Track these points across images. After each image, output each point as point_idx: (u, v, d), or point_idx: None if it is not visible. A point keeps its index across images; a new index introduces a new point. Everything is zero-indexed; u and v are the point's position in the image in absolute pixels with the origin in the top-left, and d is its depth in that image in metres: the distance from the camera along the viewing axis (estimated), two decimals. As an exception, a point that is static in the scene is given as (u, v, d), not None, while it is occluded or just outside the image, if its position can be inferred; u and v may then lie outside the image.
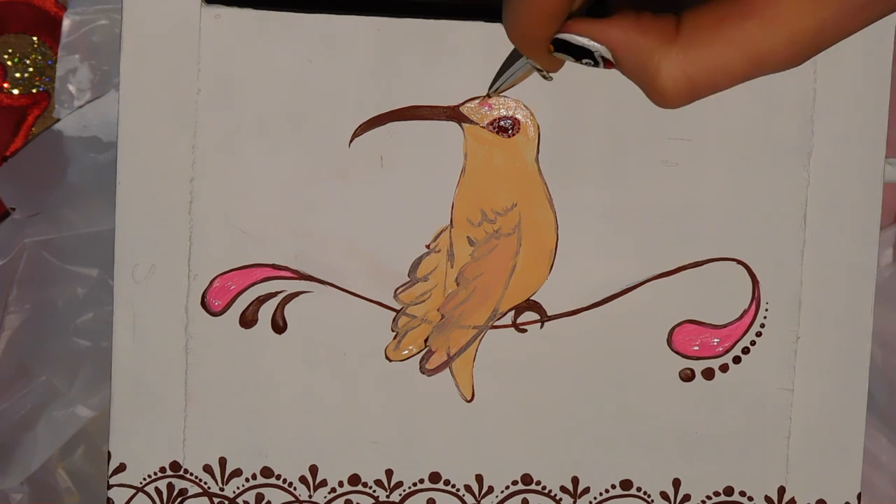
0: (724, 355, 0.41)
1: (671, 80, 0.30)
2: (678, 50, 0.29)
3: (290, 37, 0.39)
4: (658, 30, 0.30)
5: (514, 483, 0.41)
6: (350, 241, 0.40)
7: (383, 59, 0.39)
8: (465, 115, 0.39)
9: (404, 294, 0.40)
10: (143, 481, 0.41)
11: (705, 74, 0.29)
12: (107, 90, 0.56)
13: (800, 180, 0.40)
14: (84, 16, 0.56)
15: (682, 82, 0.30)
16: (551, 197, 0.40)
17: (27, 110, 0.57)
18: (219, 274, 0.40)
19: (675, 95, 0.30)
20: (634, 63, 0.30)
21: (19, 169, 0.56)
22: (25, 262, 0.55)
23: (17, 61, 0.57)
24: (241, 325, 0.40)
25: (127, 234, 0.40)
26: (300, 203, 0.40)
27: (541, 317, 0.40)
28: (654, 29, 0.30)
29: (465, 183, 0.40)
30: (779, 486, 0.41)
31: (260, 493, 0.41)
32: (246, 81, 0.39)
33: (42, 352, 0.55)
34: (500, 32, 0.39)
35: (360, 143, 0.40)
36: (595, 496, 0.41)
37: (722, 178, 0.40)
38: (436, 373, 0.40)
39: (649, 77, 0.30)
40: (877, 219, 0.40)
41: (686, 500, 0.41)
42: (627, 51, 0.30)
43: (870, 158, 0.40)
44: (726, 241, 0.40)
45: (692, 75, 0.29)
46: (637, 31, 0.30)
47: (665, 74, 0.30)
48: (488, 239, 0.40)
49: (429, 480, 0.41)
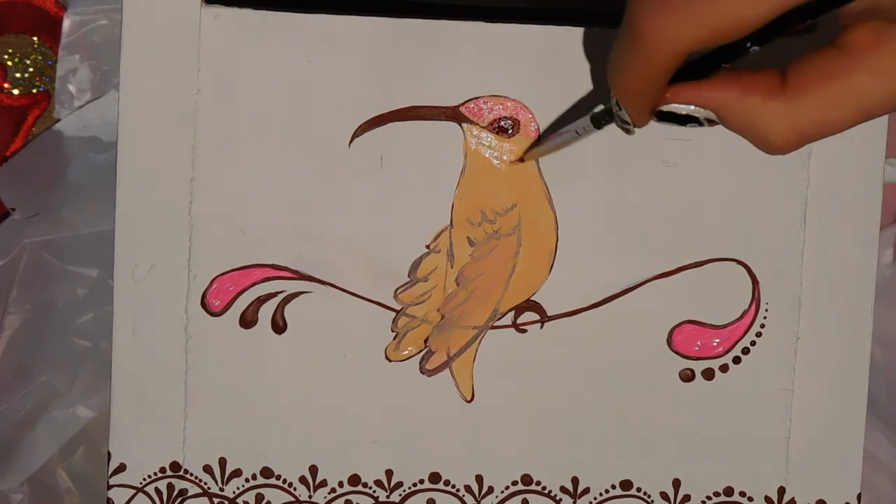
0: (724, 355, 0.41)
1: (781, 135, 0.30)
2: (786, 106, 0.29)
3: (290, 37, 0.39)
4: (762, 87, 0.29)
5: (514, 483, 0.41)
6: (350, 241, 0.40)
7: (383, 59, 0.39)
8: (465, 115, 0.39)
9: (404, 294, 0.40)
10: (143, 481, 0.41)
11: (815, 127, 0.29)
12: (107, 90, 0.56)
13: (800, 180, 0.40)
14: (84, 16, 0.56)
15: (793, 136, 0.30)
16: (551, 197, 0.40)
17: (27, 110, 0.57)
18: (219, 274, 0.40)
19: (785, 147, 0.30)
20: (741, 122, 0.30)
21: (19, 169, 0.56)
22: (25, 263, 0.55)
23: (18, 61, 0.57)
24: (241, 326, 0.40)
25: (127, 234, 0.40)
26: (300, 203, 0.40)
27: (541, 317, 0.40)
28: (756, 87, 0.29)
29: (465, 183, 0.40)
30: (779, 487, 0.41)
31: (260, 494, 0.41)
32: (246, 81, 0.39)
33: (42, 352, 0.55)
34: (500, 32, 0.39)
35: (360, 143, 0.40)
36: (595, 496, 0.41)
37: (722, 178, 0.40)
38: (436, 373, 0.40)
39: (759, 134, 0.30)
40: (877, 219, 0.40)
41: (686, 501, 0.41)
42: (733, 112, 0.30)
43: (870, 158, 0.40)
44: (726, 241, 0.40)
45: (802, 129, 0.29)
46: (740, 91, 0.30)
47: (774, 130, 0.30)
48: (488, 239, 0.40)
49: (429, 481, 0.41)
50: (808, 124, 0.29)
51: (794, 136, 0.30)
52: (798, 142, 0.30)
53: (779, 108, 0.29)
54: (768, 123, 0.30)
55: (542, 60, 0.39)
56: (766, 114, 0.30)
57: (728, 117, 0.30)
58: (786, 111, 0.29)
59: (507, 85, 0.39)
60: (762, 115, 0.30)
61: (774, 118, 0.30)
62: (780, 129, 0.30)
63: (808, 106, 0.29)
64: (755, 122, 0.30)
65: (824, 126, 0.29)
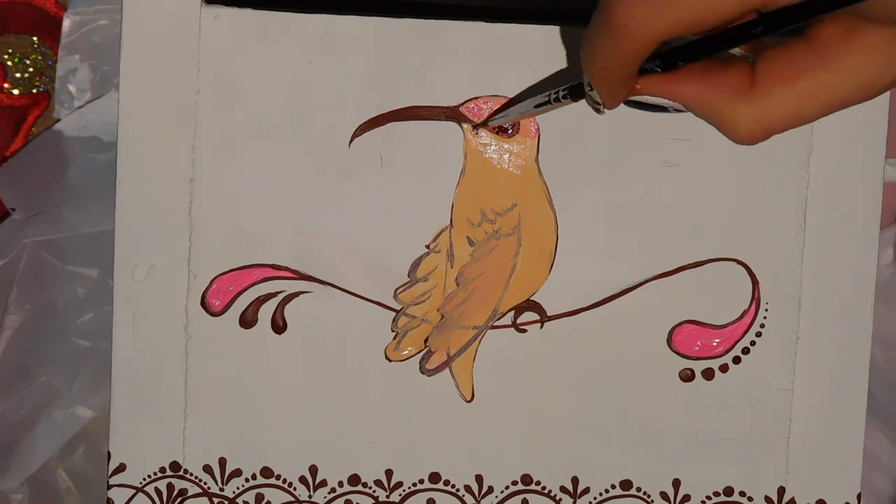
0: (724, 355, 0.41)
1: (747, 130, 0.30)
2: (753, 102, 0.30)
3: (290, 37, 0.39)
4: (730, 84, 0.30)
5: (513, 483, 0.41)
6: (350, 241, 0.40)
7: (383, 59, 0.39)
8: (464, 115, 0.39)
9: (404, 294, 0.40)
10: (143, 481, 0.41)
11: (781, 123, 0.30)
12: (107, 90, 0.56)
13: (800, 180, 0.40)
14: (84, 16, 0.56)
15: (759, 132, 0.30)
16: (551, 197, 0.40)
17: (27, 110, 0.57)
18: (218, 274, 0.40)
19: (750, 140, 0.30)
20: (708, 116, 0.31)
21: (19, 169, 0.56)
22: (25, 263, 0.55)
23: (18, 61, 0.57)
24: (241, 326, 0.40)
25: (127, 234, 0.40)
26: (300, 203, 0.40)
27: (541, 317, 0.40)
28: (725, 86, 0.30)
29: (464, 183, 0.40)
30: (779, 487, 0.41)
31: (260, 494, 0.41)
32: (246, 81, 0.39)
33: (42, 352, 0.55)
34: (500, 32, 0.39)
35: (360, 143, 0.40)
36: (595, 496, 0.41)
37: (722, 178, 0.40)
38: (436, 373, 0.40)
39: (725, 127, 0.30)
40: (877, 219, 0.40)
41: (686, 500, 0.41)
42: (700, 107, 0.30)
43: (870, 158, 0.40)
44: (726, 241, 0.40)
45: (768, 125, 0.30)
46: (709, 88, 0.30)
47: (741, 126, 0.30)
48: (488, 239, 0.40)
49: (429, 480, 0.41)
50: (775, 122, 0.30)
51: (759, 133, 0.30)
52: (763, 137, 0.30)
53: (746, 108, 0.30)
54: (735, 121, 0.30)
55: (542, 60, 0.39)
56: (733, 111, 0.30)
57: (696, 111, 0.31)
58: (753, 111, 0.30)
59: (507, 85, 0.39)
60: (729, 113, 0.30)
61: (741, 116, 0.30)
62: (746, 127, 0.30)
63: (775, 105, 0.30)
64: (722, 118, 0.30)
65: (791, 121, 0.30)
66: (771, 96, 0.30)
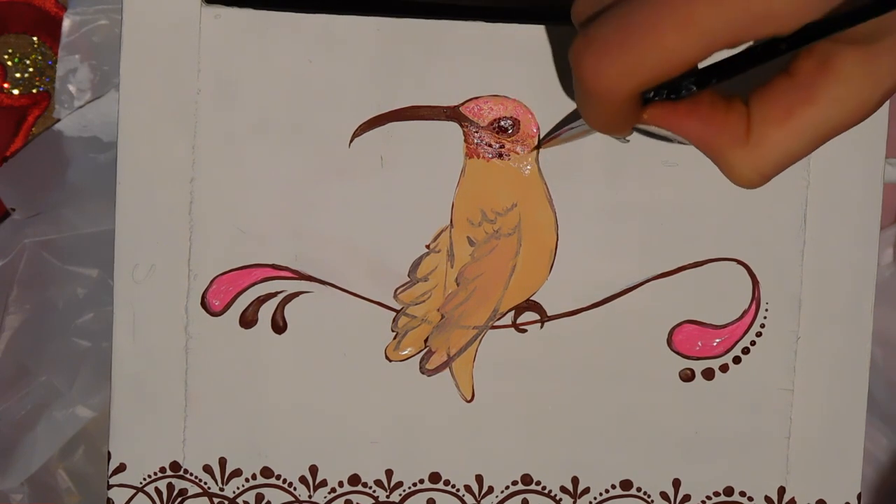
0: (724, 355, 0.41)
1: (746, 178, 0.31)
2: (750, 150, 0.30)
3: (290, 37, 0.39)
4: (730, 130, 0.30)
5: (513, 483, 0.41)
6: (350, 241, 0.40)
7: (383, 59, 0.39)
8: (465, 115, 0.39)
9: (404, 294, 0.40)
10: (143, 481, 0.41)
11: (779, 167, 0.30)
12: (107, 90, 0.56)
13: (800, 180, 0.40)
14: (84, 16, 0.56)
15: (757, 179, 0.31)
16: (551, 197, 0.40)
17: (27, 110, 0.57)
18: (219, 274, 0.40)
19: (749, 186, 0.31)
20: (709, 154, 0.31)
21: (19, 169, 0.56)
22: (25, 263, 0.55)
23: (17, 61, 0.57)
24: (241, 326, 0.40)
25: (127, 234, 0.40)
26: (300, 203, 0.40)
27: (541, 317, 0.40)
28: (726, 129, 0.30)
29: (465, 183, 0.40)
30: (779, 487, 0.41)
31: (260, 494, 0.41)
32: (246, 81, 0.39)
33: (42, 352, 0.55)
34: (499, 32, 0.39)
35: (360, 143, 0.40)
36: (595, 496, 0.41)
37: (722, 178, 0.40)
38: (436, 373, 0.40)
39: (724, 170, 0.31)
40: (877, 219, 0.40)
41: (686, 500, 0.41)
42: (702, 145, 0.31)
43: (870, 158, 0.40)
44: (726, 241, 0.40)
45: (766, 172, 0.30)
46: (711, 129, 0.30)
47: (741, 174, 0.31)
48: (488, 239, 0.40)
49: (429, 480, 0.41)
50: (773, 168, 0.30)
51: (758, 180, 0.31)
52: (760, 184, 0.31)
53: (744, 156, 0.30)
54: (734, 168, 0.31)
55: (542, 60, 0.39)
56: (732, 157, 0.30)
57: (697, 147, 0.31)
58: (751, 160, 0.30)
59: (507, 85, 0.39)
60: (729, 159, 0.31)
61: (740, 164, 0.30)
62: (745, 175, 0.31)
63: (772, 150, 0.30)
64: (720, 161, 0.31)
65: (787, 162, 0.30)
66: (767, 142, 0.30)
